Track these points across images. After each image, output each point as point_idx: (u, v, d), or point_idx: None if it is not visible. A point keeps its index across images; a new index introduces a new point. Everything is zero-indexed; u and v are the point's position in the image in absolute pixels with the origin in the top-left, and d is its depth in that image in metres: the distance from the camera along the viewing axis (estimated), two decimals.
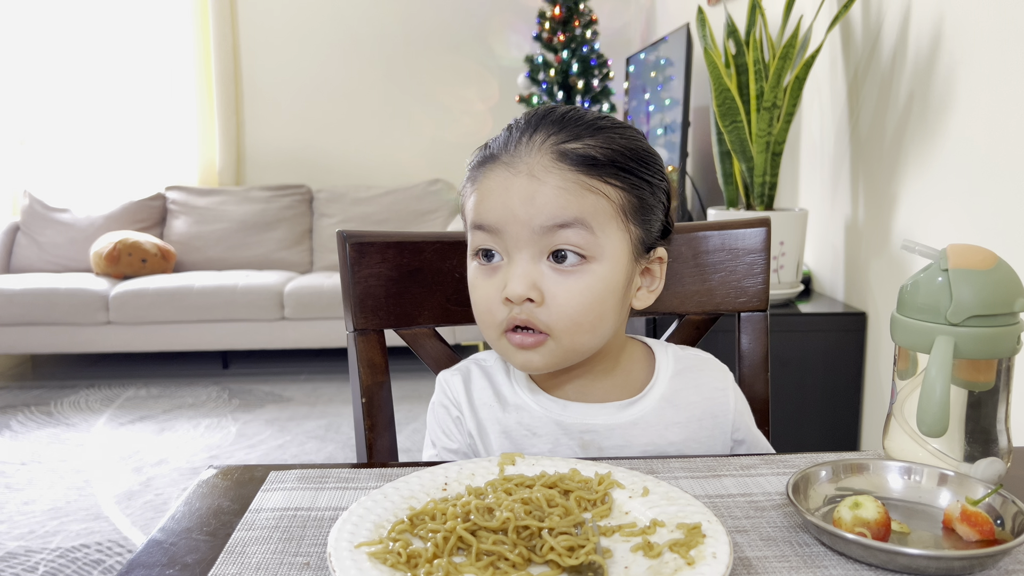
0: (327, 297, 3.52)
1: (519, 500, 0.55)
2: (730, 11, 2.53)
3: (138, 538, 2.09)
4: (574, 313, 0.69)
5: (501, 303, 0.70)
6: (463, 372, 0.82)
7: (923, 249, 0.65)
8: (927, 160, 1.61)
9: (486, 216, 0.70)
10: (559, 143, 0.69)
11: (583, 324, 0.69)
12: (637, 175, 0.71)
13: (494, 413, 0.78)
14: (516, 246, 0.69)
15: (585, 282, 0.69)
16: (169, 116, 4.23)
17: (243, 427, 2.96)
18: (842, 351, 1.87)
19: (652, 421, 0.76)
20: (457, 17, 4.26)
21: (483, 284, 0.72)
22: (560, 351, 0.71)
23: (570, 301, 0.68)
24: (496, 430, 0.77)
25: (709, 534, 0.52)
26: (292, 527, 0.58)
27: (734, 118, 1.90)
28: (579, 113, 0.72)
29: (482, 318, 0.73)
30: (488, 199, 0.70)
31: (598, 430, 0.75)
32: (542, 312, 0.69)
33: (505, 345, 0.72)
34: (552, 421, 0.76)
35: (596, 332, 0.71)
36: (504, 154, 0.71)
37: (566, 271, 0.69)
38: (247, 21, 4.27)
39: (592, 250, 0.69)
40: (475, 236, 0.72)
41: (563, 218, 0.67)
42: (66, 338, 3.54)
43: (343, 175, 4.37)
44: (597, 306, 0.70)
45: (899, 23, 1.71)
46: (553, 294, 0.68)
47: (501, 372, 0.81)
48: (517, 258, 0.69)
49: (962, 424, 0.63)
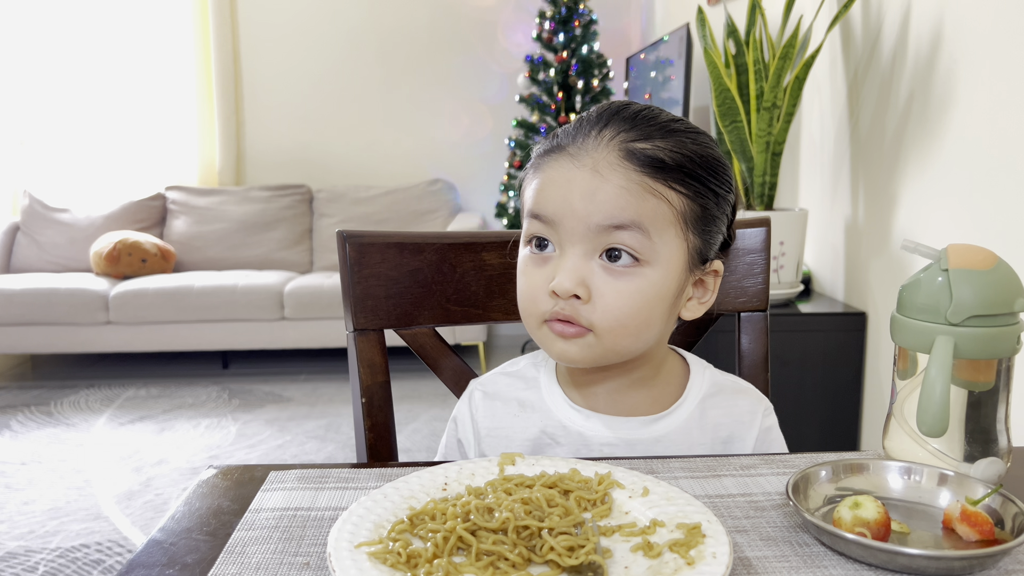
0: (327, 297, 3.52)
1: (519, 500, 0.55)
2: (730, 11, 2.53)
3: (138, 538, 2.09)
4: (620, 315, 0.67)
5: (547, 294, 0.68)
6: (487, 384, 0.81)
7: (923, 249, 0.65)
8: (927, 160, 1.61)
9: (544, 206, 0.69)
10: (628, 141, 0.67)
11: (628, 327, 0.68)
12: (704, 183, 0.69)
13: (516, 421, 0.77)
14: (570, 240, 0.68)
15: (635, 285, 0.67)
16: (169, 116, 4.23)
17: (243, 427, 2.96)
18: (842, 351, 1.87)
19: (676, 440, 0.75)
20: (457, 17, 4.26)
21: (532, 272, 0.70)
22: (600, 348, 0.69)
23: (617, 302, 0.67)
24: (521, 436, 0.77)
25: (709, 534, 0.52)
26: (292, 527, 0.58)
27: (734, 118, 1.90)
28: (653, 112, 0.70)
29: (525, 306, 0.71)
30: (548, 189, 0.69)
31: (619, 445, 0.74)
32: (586, 309, 0.67)
33: (545, 334, 0.70)
34: (574, 432, 0.75)
35: (640, 337, 0.70)
36: (571, 145, 0.69)
37: (617, 271, 0.67)
38: (247, 21, 4.27)
39: (647, 254, 0.67)
40: (531, 224, 0.70)
41: (621, 219, 0.66)
42: (66, 338, 3.54)
43: (343, 175, 4.37)
44: (644, 311, 0.68)
45: (899, 23, 1.71)
46: (601, 293, 0.67)
47: (527, 378, 0.80)
48: (570, 252, 0.68)
49: (962, 424, 0.63)
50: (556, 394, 0.78)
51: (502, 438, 0.78)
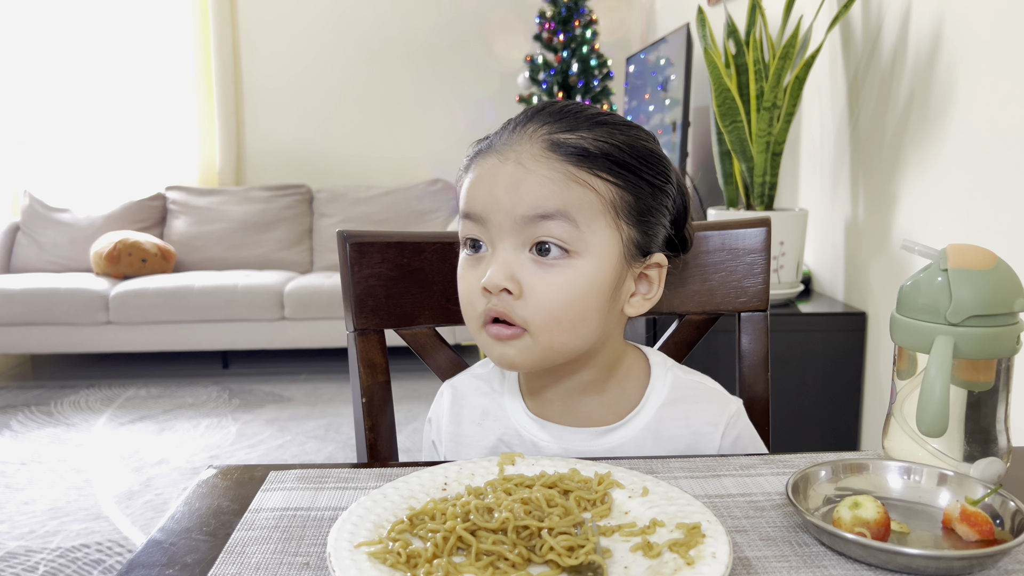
0: (327, 297, 3.52)
1: (519, 500, 0.55)
2: (730, 11, 2.53)
3: (138, 538, 2.09)
4: (552, 308, 0.66)
5: (481, 293, 0.67)
6: (456, 387, 0.81)
7: (923, 249, 0.65)
8: (927, 160, 1.61)
9: (472, 204, 0.69)
10: (552, 133, 0.67)
11: (562, 321, 0.66)
12: (635, 172, 0.68)
13: (478, 429, 0.77)
14: (499, 235, 0.67)
15: (566, 277, 0.66)
16: (169, 116, 4.23)
17: (243, 427, 2.96)
18: (842, 351, 1.87)
19: (629, 452, 0.73)
20: (457, 17, 4.26)
21: (467, 274, 0.70)
22: (538, 349, 0.68)
23: (548, 296, 0.66)
24: (482, 444, 0.77)
25: (709, 534, 0.52)
26: (292, 527, 0.58)
27: (734, 118, 1.90)
28: (580, 107, 0.70)
29: (465, 310, 0.71)
30: (476, 187, 0.69)
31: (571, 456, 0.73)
32: (519, 305, 0.66)
33: (485, 338, 0.70)
34: (528, 440, 0.75)
35: (576, 332, 0.68)
36: (497, 143, 0.69)
37: (547, 264, 0.66)
38: (247, 21, 4.27)
39: (575, 244, 0.66)
40: (464, 226, 0.70)
41: (545, 208, 0.65)
42: (66, 338, 3.54)
43: (343, 175, 4.37)
44: (578, 304, 0.67)
45: (899, 23, 1.71)
46: (532, 287, 0.66)
47: (494, 382, 0.80)
48: (499, 248, 0.67)
49: (962, 424, 0.63)
50: (516, 401, 0.77)
51: (464, 446, 0.78)
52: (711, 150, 2.34)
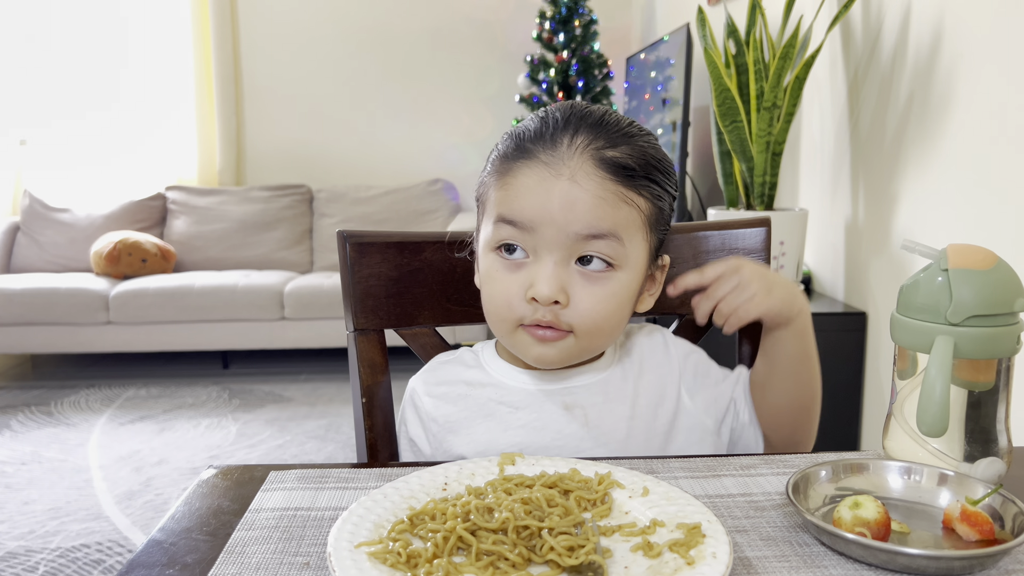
0: (327, 297, 3.52)
1: (519, 500, 0.55)
2: (730, 11, 2.53)
3: (138, 538, 2.09)
4: (597, 318, 0.70)
5: (523, 300, 0.70)
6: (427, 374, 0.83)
7: (923, 249, 0.65)
8: (927, 160, 1.61)
9: (520, 213, 0.70)
10: (599, 148, 0.69)
11: (604, 328, 0.72)
12: (661, 186, 0.72)
13: (468, 401, 0.78)
14: (547, 247, 0.69)
15: (610, 289, 0.70)
16: (169, 116, 4.23)
17: (243, 427, 2.96)
18: (842, 351, 1.87)
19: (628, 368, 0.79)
20: (457, 17, 4.26)
21: (504, 278, 0.72)
22: (577, 348, 0.72)
23: (595, 306, 0.70)
24: (477, 414, 0.78)
25: (709, 534, 0.52)
26: (292, 527, 0.58)
27: (734, 118, 1.90)
28: (615, 117, 0.73)
29: (498, 312, 0.73)
30: (525, 196, 0.70)
31: (578, 391, 0.77)
32: (565, 313, 0.70)
33: (521, 338, 0.72)
34: (530, 392, 0.77)
35: (612, 334, 0.74)
36: (542, 151, 0.70)
37: (592, 276, 0.70)
38: (247, 21, 4.27)
39: (619, 260, 0.70)
40: (501, 229, 0.71)
41: (599, 228, 0.68)
42: (66, 338, 3.54)
43: (343, 175, 4.37)
44: (618, 312, 0.72)
45: (899, 23, 1.71)
46: (579, 298, 0.70)
47: (466, 363, 0.82)
48: (546, 259, 0.69)
49: (962, 424, 0.63)
50: (500, 365, 0.80)
51: (458, 419, 0.78)
52: (711, 150, 2.34)
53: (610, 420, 0.76)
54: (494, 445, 0.75)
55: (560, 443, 0.75)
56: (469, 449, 0.77)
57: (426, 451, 0.80)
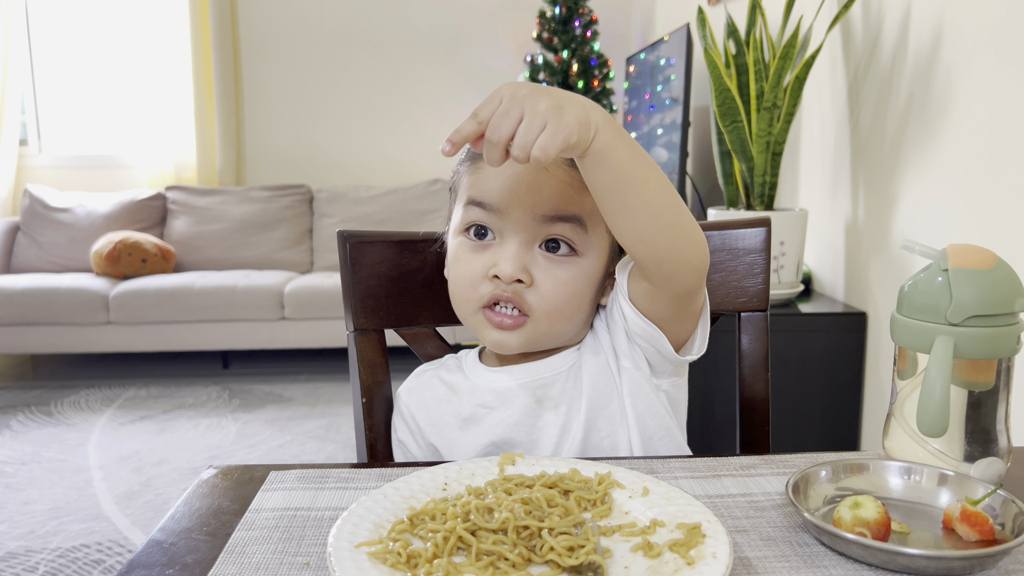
0: (327, 297, 3.52)
1: (519, 500, 0.55)
2: (730, 11, 2.53)
3: (138, 538, 2.09)
4: (557, 300, 0.72)
5: (486, 279, 0.72)
6: (411, 383, 0.85)
7: (923, 249, 0.65)
8: (927, 160, 1.61)
9: (489, 194, 0.72)
10: None
11: (563, 311, 0.73)
12: None
13: (449, 406, 0.80)
14: (513, 229, 0.72)
15: (571, 273, 0.73)
16: (169, 116, 4.23)
17: (243, 427, 2.96)
18: (842, 351, 1.86)
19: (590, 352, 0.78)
20: (457, 17, 4.26)
21: (469, 259, 0.74)
22: (536, 334, 0.74)
23: (556, 289, 0.72)
24: (456, 417, 0.79)
25: (709, 534, 0.52)
26: (292, 527, 0.58)
27: (734, 118, 1.90)
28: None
29: (462, 292, 0.75)
30: (494, 179, 0.72)
31: (548, 382, 0.77)
32: (527, 293, 0.72)
33: (480, 321, 0.74)
34: (504, 391, 0.78)
35: (572, 320, 0.75)
36: None
37: (555, 260, 0.72)
38: (247, 21, 4.27)
39: (582, 246, 0.73)
40: (469, 212, 0.74)
41: (565, 211, 0.71)
42: (66, 338, 3.54)
43: (343, 175, 4.37)
44: (576, 297, 0.74)
45: (899, 23, 1.71)
46: (541, 279, 0.72)
47: (448, 368, 0.84)
48: (511, 240, 0.72)
49: (962, 424, 0.63)
50: (478, 368, 0.82)
51: (441, 424, 0.80)
52: (711, 150, 2.34)
53: (578, 405, 0.76)
54: (474, 446, 0.77)
55: (535, 436, 0.76)
56: (452, 451, 0.79)
57: (416, 453, 0.83)
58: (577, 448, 0.75)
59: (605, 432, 0.76)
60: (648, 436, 0.76)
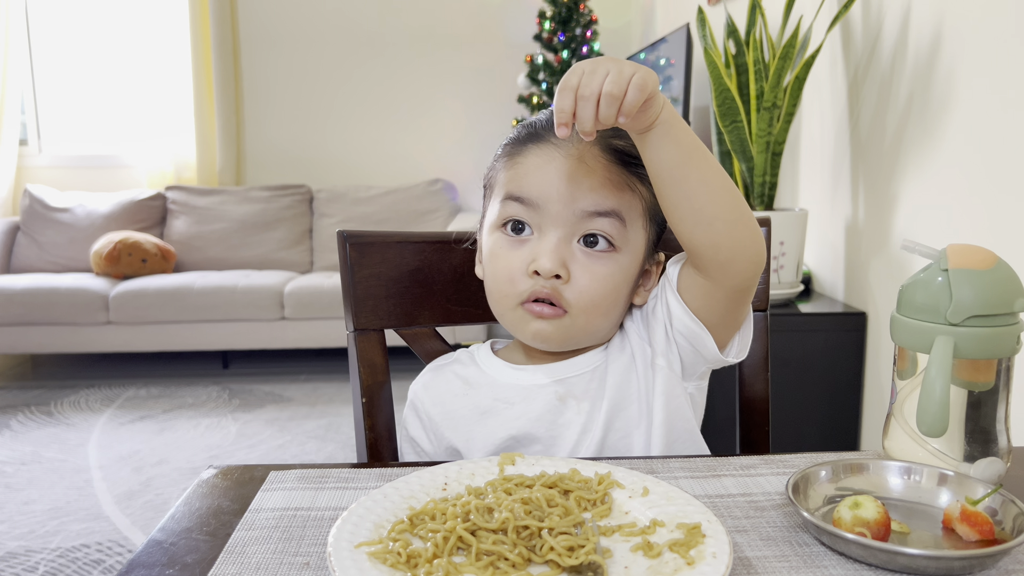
0: (327, 297, 3.52)
1: (519, 500, 0.55)
2: (730, 11, 2.53)
3: (138, 538, 2.09)
4: (595, 295, 0.72)
5: (525, 275, 0.72)
6: (425, 378, 0.86)
7: (923, 249, 0.65)
8: (927, 160, 1.61)
9: (528, 189, 0.72)
10: (607, 137, 0.73)
11: (600, 306, 0.73)
12: None
13: (466, 400, 0.80)
14: (552, 223, 0.72)
15: (609, 269, 0.72)
16: (169, 116, 4.23)
17: (243, 427, 2.96)
18: (842, 351, 1.86)
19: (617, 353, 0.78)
20: (457, 17, 4.26)
21: (508, 255, 0.74)
22: (573, 328, 0.74)
23: (593, 284, 0.72)
24: (474, 411, 0.79)
25: (709, 534, 0.52)
26: (292, 527, 0.58)
27: (734, 118, 1.90)
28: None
29: (501, 288, 0.75)
30: (533, 174, 0.73)
31: (571, 381, 0.77)
32: (565, 289, 0.72)
33: (521, 315, 0.74)
34: (524, 387, 0.78)
35: (608, 316, 0.75)
36: (552, 136, 0.73)
37: (594, 255, 0.72)
38: (247, 21, 4.27)
39: (620, 241, 0.73)
40: (508, 207, 0.74)
41: (604, 207, 0.71)
42: (66, 338, 3.54)
43: (343, 175, 4.37)
44: (613, 293, 0.74)
45: (899, 23, 1.71)
46: (579, 275, 0.72)
47: (463, 362, 0.84)
48: (550, 235, 0.72)
49: (962, 424, 0.63)
50: (496, 363, 0.81)
51: (458, 418, 0.80)
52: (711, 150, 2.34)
53: (600, 405, 0.76)
54: (492, 439, 0.77)
55: (555, 433, 0.76)
56: (468, 445, 0.78)
57: (428, 449, 0.82)
58: (595, 447, 0.74)
59: (621, 433, 0.76)
60: (673, 439, 0.75)
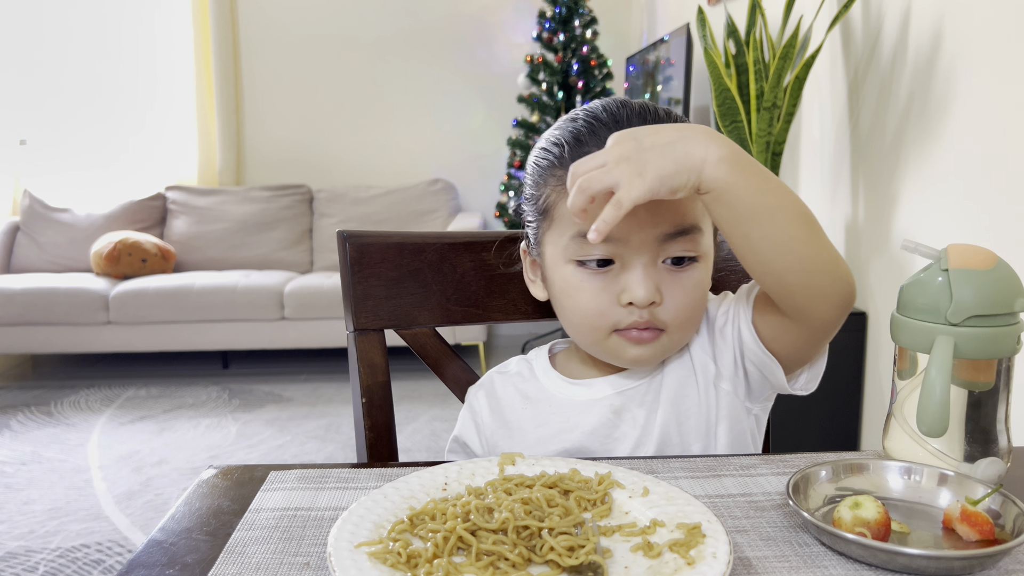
0: (327, 297, 3.52)
1: (519, 500, 0.55)
2: (730, 11, 2.53)
3: (138, 538, 2.09)
4: (688, 310, 0.71)
5: (616, 306, 0.70)
6: (486, 386, 0.84)
7: (923, 249, 0.65)
8: (927, 160, 1.61)
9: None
10: None
11: (694, 318, 0.73)
12: None
13: (523, 413, 0.79)
14: (636, 252, 0.69)
15: (695, 279, 0.71)
16: (169, 116, 4.23)
17: (243, 427, 2.96)
18: (842, 351, 1.87)
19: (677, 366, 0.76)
20: (457, 17, 4.26)
21: (591, 288, 0.71)
22: (670, 345, 0.73)
23: (685, 300, 0.70)
24: (530, 424, 0.79)
25: (709, 534, 0.52)
26: (292, 527, 0.58)
27: (734, 118, 1.90)
28: (654, 108, 0.72)
29: (590, 321, 0.72)
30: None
31: (629, 394, 0.76)
32: (661, 311, 0.70)
33: (616, 342, 0.72)
34: (581, 402, 0.77)
35: (697, 324, 0.74)
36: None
37: (681, 271, 0.71)
38: (247, 21, 4.27)
39: (700, 250, 0.71)
40: (586, 247, 0.69)
41: (684, 224, 0.69)
42: (66, 338, 3.54)
43: (343, 175, 4.37)
44: (702, 301, 0.73)
45: (899, 23, 1.71)
46: (671, 295, 0.70)
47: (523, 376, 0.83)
48: (636, 263, 0.69)
49: (962, 424, 0.63)
50: (554, 378, 0.80)
51: (513, 429, 0.80)
52: None
53: (654, 418, 0.75)
54: (545, 452, 0.77)
55: (609, 447, 0.76)
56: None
57: (479, 453, 0.83)
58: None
59: (678, 448, 0.75)
60: None
